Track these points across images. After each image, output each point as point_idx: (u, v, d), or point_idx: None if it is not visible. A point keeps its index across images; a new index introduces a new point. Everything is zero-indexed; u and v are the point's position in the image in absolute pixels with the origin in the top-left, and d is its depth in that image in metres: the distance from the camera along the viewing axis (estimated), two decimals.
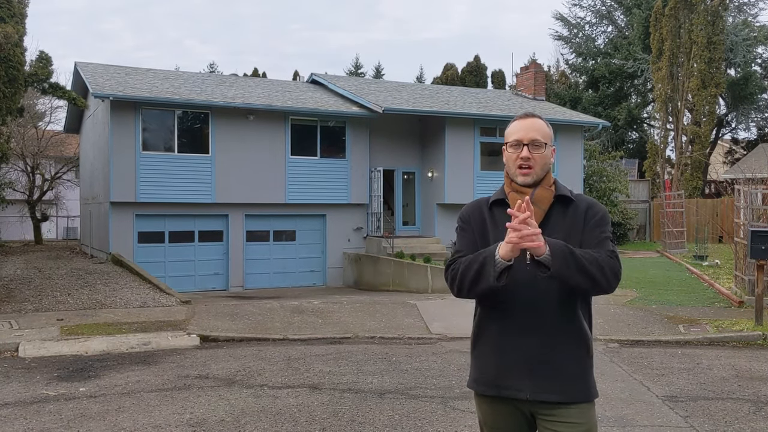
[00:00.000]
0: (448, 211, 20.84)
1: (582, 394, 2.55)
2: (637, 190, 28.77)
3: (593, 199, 2.74)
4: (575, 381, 2.54)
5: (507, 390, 2.56)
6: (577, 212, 2.61)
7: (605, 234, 2.60)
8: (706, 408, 6.16)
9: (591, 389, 2.58)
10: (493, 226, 2.63)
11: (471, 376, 2.71)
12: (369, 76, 43.70)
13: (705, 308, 11.85)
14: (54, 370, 7.75)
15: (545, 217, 2.58)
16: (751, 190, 12.33)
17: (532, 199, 2.56)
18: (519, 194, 2.60)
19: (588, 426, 2.54)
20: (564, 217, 2.60)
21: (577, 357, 2.55)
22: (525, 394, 2.53)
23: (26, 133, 28.51)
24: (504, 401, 2.59)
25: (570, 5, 51.95)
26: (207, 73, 33.57)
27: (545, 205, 2.59)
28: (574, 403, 2.52)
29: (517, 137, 2.63)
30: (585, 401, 2.55)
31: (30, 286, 13.99)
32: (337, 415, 5.89)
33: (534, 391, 2.52)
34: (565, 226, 2.58)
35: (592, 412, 2.58)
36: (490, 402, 2.64)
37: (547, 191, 2.61)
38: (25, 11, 14.02)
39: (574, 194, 2.67)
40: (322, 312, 11.84)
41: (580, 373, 2.55)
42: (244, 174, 19.20)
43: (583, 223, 2.59)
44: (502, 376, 2.56)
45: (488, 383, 2.61)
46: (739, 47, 31.67)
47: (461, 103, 22.37)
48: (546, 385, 2.51)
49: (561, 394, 2.51)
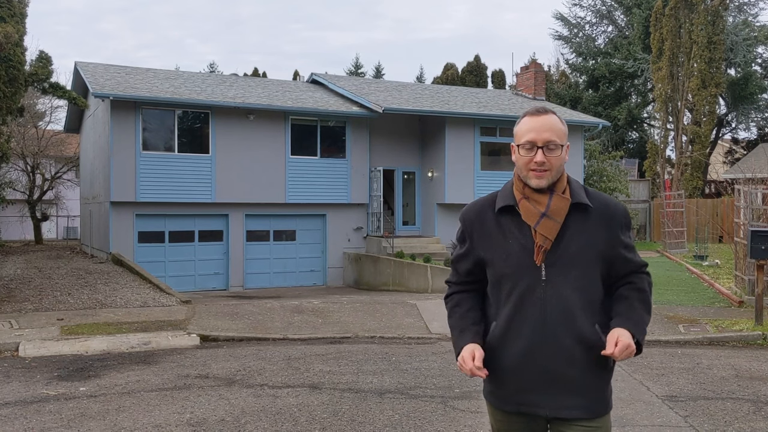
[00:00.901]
0: (449, 211, 20.84)
1: (601, 408, 2.47)
2: (637, 190, 28.78)
3: (608, 197, 2.55)
4: (595, 396, 2.45)
5: (526, 407, 2.47)
6: (601, 219, 2.44)
7: (631, 240, 2.55)
8: (706, 408, 6.16)
9: (609, 401, 2.50)
10: (499, 235, 2.46)
11: (486, 387, 2.59)
12: (369, 75, 43.70)
13: (705, 308, 11.85)
14: (54, 369, 7.76)
15: (562, 227, 2.40)
16: (751, 190, 12.33)
17: (548, 213, 2.39)
18: (531, 202, 2.41)
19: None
20: (582, 226, 2.42)
21: (597, 372, 2.44)
22: (545, 412, 2.45)
23: (26, 133, 28.51)
24: (521, 415, 2.51)
25: (570, 5, 51.98)
26: (207, 73, 33.58)
27: (561, 217, 2.40)
28: (592, 418, 2.45)
29: (530, 138, 2.39)
30: (603, 415, 2.48)
31: (30, 285, 13.99)
32: (337, 414, 5.89)
33: (554, 408, 2.43)
34: (582, 237, 2.42)
35: (609, 422, 2.51)
36: (505, 414, 2.55)
37: (562, 201, 2.41)
38: (26, 11, 14.02)
39: (589, 194, 2.48)
40: (322, 312, 11.84)
41: (599, 388, 2.46)
42: (245, 174, 19.21)
43: (610, 230, 2.45)
44: (521, 393, 2.47)
45: (506, 399, 2.51)
46: (740, 47, 31.66)
47: (461, 103, 22.38)
48: (566, 401, 2.42)
49: (581, 410, 2.42)
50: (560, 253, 2.40)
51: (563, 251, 2.40)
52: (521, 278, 2.41)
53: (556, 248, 2.40)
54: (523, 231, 2.44)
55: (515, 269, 2.43)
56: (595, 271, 2.44)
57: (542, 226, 2.39)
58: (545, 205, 2.40)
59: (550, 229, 2.38)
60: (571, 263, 2.40)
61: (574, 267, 2.40)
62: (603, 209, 2.46)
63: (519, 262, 2.43)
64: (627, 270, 2.51)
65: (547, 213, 2.38)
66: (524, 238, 2.43)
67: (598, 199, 2.48)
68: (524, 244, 2.43)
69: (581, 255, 2.41)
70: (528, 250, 2.42)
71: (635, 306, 2.46)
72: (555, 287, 2.39)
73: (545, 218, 2.39)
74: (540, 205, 2.40)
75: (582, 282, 2.41)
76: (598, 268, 2.44)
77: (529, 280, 2.40)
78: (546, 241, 2.39)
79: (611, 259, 2.46)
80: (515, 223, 2.45)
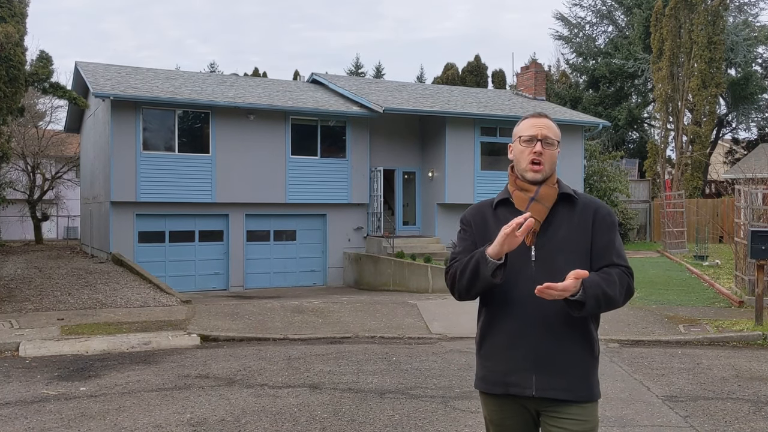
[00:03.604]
0: (449, 211, 20.85)
1: (586, 392, 2.60)
2: (637, 190, 28.78)
3: (596, 198, 2.78)
4: (580, 380, 2.59)
5: (514, 387, 2.60)
6: (585, 213, 2.65)
7: (617, 241, 2.68)
8: (706, 408, 6.17)
9: (594, 389, 2.63)
10: (496, 226, 2.61)
11: (477, 375, 2.76)
12: (369, 75, 43.71)
13: (705, 308, 11.86)
14: (54, 369, 7.76)
15: (549, 214, 2.62)
16: (751, 190, 12.33)
17: (536, 196, 2.62)
18: (523, 192, 2.65)
19: (591, 425, 2.60)
20: (570, 216, 2.64)
21: (582, 356, 2.60)
22: (531, 392, 2.57)
23: (27, 133, 28.51)
24: (510, 399, 2.64)
25: (570, 5, 51.93)
26: (207, 73, 33.58)
27: (549, 202, 2.63)
28: (577, 402, 2.58)
29: (532, 133, 2.66)
30: (589, 400, 2.61)
31: (30, 285, 14.00)
32: (338, 414, 5.89)
33: (540, 388, 2.56)
34: (570, 225, 2.63)
35: (595, 412, 2.64)
36: (496, 400, 2.69)
37: (551, 189, 2.65)
38: (26, 11, 14.02)
39: (577, 193, 2.71)
40: (323, 312, 11.85)
41: (584, 373, 2.61)
42: (245, 174, 19.21)
43: (592, 226, 2.64)
44: (509, 374, 2.61)
45: (495, 382, 2.65)
46: (740, 47, 31.67)
47: (462, 103, 22.37)
48: (551, 382, 2.56)
49: (566, 391, 2.56)
50: (549, 236, 2.61)
51: (552, 235, 2.61)
52: (514, 260, 2.57)
53: (545, 233, 2.61)
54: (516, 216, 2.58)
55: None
56: (582, 258, 2.61)
57: (531, 209, 2.60)
58: (534, 191, 2.64)
59: (538, 211, 2.60)
60: (559, 247, 2.60)
61: (562, 251, 2.60)
62: (593, 208, 2.68)
63: None
64: (600, 264, 2.63)
65: (535, 197, 2.62)
66: None
67: (585, 197, 2.73)
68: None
69: (568, 240, 2.61)
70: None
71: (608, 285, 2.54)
72: (544, 268, 2.56)
73: (534, 202, 2.62)
74: (530, 192, 2.65)
75: (570, 265, 2.52)
76: (584, 256, 2.62)
77: (521, 261, 2.58)
78: (535, 223, 2.57)
79: (593, 253, 2.63)
80: (510, 212, 2.64)
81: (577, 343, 2.59)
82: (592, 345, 2.63)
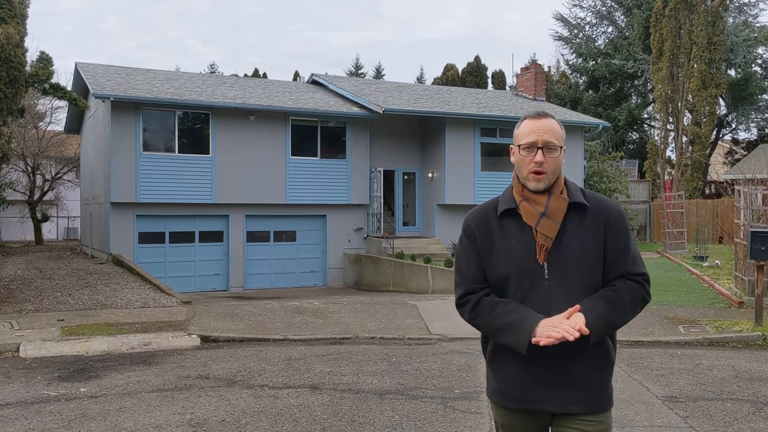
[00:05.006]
0: (449, 212, 20.85)
1: (605, 403, 2.53)
2: (637, 191, 28.78)
3: (605, 198, 2.62)
4: (598, 392, 2.51)
5: (532, 404, 2.52)
6: (597, 220, 2.50)
7: (632, 245, 2.55)
8: (706, 408, 6.17)
9: (611, 398, 2.57)
10: (501, 238, 2.52)
11: (490, 386, 2.66)
12: (369, 76, 43.72)
13: (705, 309, 11.86)
14: (55, 370, 7.77)
15: (561, 227, 2.48)
16: (751, 190, 12.34)
17: (547, 212, 2.46)
18: (531, 203, 2.49)
19: (605, 428, 2.53)
20: (580, 225, 2.49)
21: (600, 367, 2.51)
22: (551, 408, 2.50)
23: (27, 134, 28.51)
24: (525, 411, 2.56)
25: (570, 6, 51.99)
26: (207, 74, 33.60)
27: (560, 216, 2.47)
28: (595, 413, 2.51)
29: (531, 140, 2.48)
30: (606, 410, 2.54)
31: (31, 286, 14.00)
32: (338, 415, 5.90)
33: (560, 404, 2.49)
34: (582, 236, 2.48)
35: (610, 418, 2.57)
36: (510, 411, 2.60)
37: (560, 201, 2.48)
38: (26, 12, 14.04)
39: (586, 195, 2.55)
40: (323, 312, 11.85)
41: (601, 384, 2.52)
42: (245, 174, 19.21)
43: (605, 234, 2.50)
44: (526, 391, 2.52)
45: (511, 397, 2.56)
46: (740, 48, 31.67)
47: (461, 104, 22.38)
48: (570, 397, 2.48)
49: (584, 405, 2.48)
50: (561, 251, 2.46)
51: (564, 249, 2.46)
52: (525, 277, 2.47)
53: (557, 247, 2.46)
54: (525, 232, 2.50)
55: (518, 269, 2.49)
56: (596, 269, 2.49)
57: (542, 226, 2.46)
58: (544, 205, 2.48)
59: (550, 228, 2.45)
60: (573, 261, 2.46)
61: (575, 265, 2.46)
62: (599, 210, 2.53)
63: (522, 262, 2.49)
64: (615, 274, 2.52)
65: (546, 213, 2.46)
66: (526, 238, 2.49)
67: (594, 199, 2.56)
68: (526, 244, 2.49)
69: (582, 253, 2.47)
70: (530, 249, 2.48)
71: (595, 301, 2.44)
72: (558, 285, 2.45)
73: (545, 218, 2.46)
74: (539, 206, 2.48)
75: (584, 279, 2.46)
76: (598, 266, 2.50)
77: (533, 278, 2.46)
78: (547, 240, 2.45)
79: (607, 262, 2.50)
80: (517, 225, 2.51)
81: (594, 355, 2.48)
82: (608, 352, 2.53)
